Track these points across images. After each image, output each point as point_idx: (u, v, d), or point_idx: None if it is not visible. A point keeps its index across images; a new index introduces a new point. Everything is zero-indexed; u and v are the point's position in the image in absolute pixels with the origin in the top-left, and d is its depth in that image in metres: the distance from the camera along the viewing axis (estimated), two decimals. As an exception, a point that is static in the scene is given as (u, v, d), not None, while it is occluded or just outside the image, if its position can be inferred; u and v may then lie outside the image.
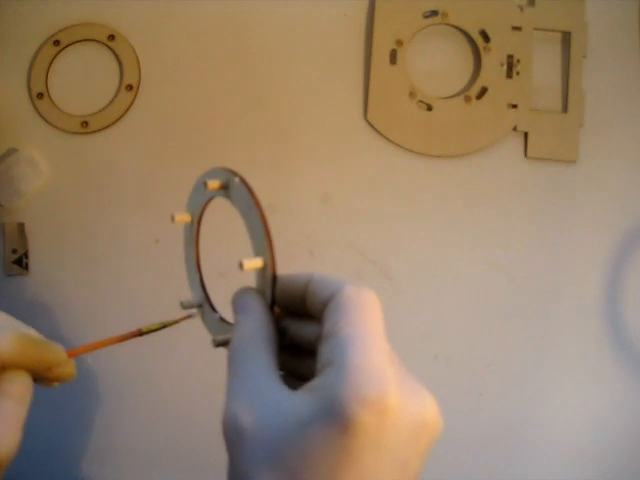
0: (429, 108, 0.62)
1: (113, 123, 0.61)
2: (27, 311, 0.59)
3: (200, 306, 0.33)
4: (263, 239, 0.27)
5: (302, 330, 0.27)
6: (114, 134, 0.61)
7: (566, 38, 0.63)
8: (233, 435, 0.23)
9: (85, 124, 0.60)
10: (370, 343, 0.23)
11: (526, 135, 0.62)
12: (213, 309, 0.33)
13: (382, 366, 0.22)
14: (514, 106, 0.61)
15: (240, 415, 0.23)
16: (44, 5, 0.62)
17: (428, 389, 0.24)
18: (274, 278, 0.27)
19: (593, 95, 0.62)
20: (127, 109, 0.61)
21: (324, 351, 0.23)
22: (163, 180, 0.60)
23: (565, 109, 0.62)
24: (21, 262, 0.59)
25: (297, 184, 0.61)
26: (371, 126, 0.61)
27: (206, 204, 0.32)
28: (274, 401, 0.23)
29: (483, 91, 0.62)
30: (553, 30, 0.63)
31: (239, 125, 0.61)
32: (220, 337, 0.29)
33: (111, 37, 0.61)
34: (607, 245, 0.61)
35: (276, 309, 0.28)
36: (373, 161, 0.61)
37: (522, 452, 0.60)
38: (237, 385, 0.24)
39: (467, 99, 0.62)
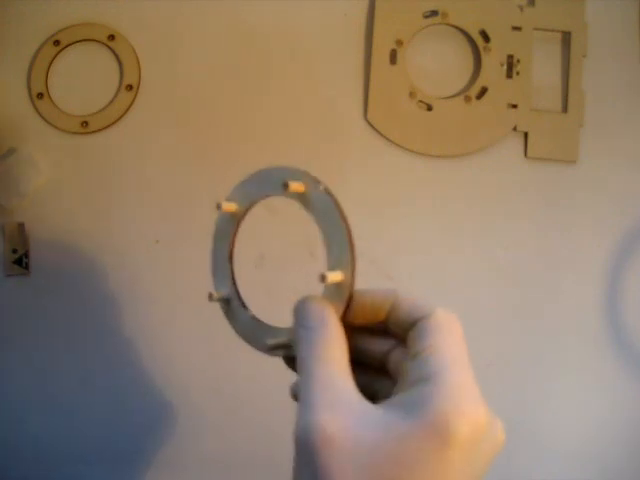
0: (429, 108, 0.62)
1: (113, 123, 0.61)
2: (27, 311, 0.59)
3: (227, 301, 0.33)
4: (346, 253, 0.28)
5: (368, 344, 0.28)
6: (114, 134, 0.61)
7: (566, 38, 0.63)
8: (317, 446, 0.23)
9: (85, 124, 0.60)
10: (464, 365, 0.25)
11: (526, 135, 0.62)
12: (244, 305, 0.32)
13: (475, 386, 0.25)
14: (514, 106, 0.61)
15: (327, 425, 0.23)
16: (44, 5, 0.61)
17: None
18: (351, 293, 0.28)
19: (593, 95, 0.62)
20: (127, 109, 0.61)
21: (415, 367, 0.25)
22: (163, 180, 0.60)
23: (565, 109, 0.62)
24: (21, 262, 0.59)
25: (297, 184, 0.61)
26: (371, 126, 0.61)
27: (261, 199, 0.32)
28: (361, 412, 0.23)
29: (483, 91, 0.62)
30: (553, 30, 0.63)
31: (239, 125, 0.61)
32: (274, 341, 0.29)
33: (111, 37, 0.61)
34: (607, 245, 0.61)
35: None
36: (373, 161, 0.61)
37: (522, 452, 0.60)
38: (319, 394, 0.24)
39: (467, 99, 0.62)
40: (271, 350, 0.30)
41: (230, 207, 0.32)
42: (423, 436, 0.22)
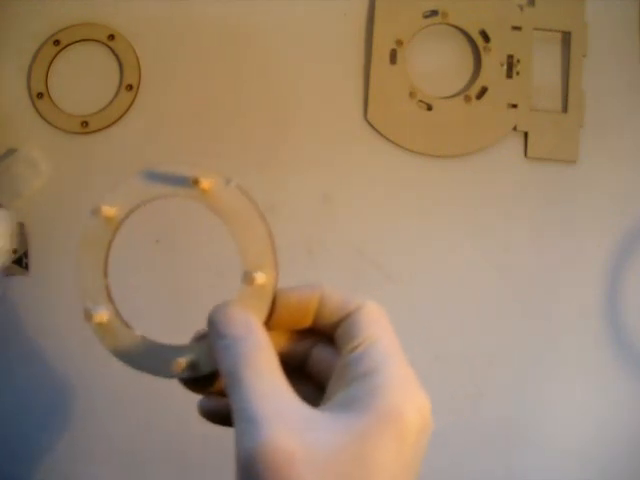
0: (429, 108, 0.62)
1: (113, 123, 0.61)
2: (27, 311, 0.59)
3: (103, 324, 0.28)
4: (267, 253, 0.26)
5: (287, 345, 0.27)
6: (114, 134, 0.61)
7: (566, 38, 0.63)
8: (277, 466, 0.20)
9: (85, 124, 0.60)
10: (402, 356, 0.24)
11: (526, 135, 0.62)
12: (128, 326, 0.28)
13: (415, 376, 0.24)
14: (514, 106, 0.61)
15: (282, 440, 0.21)
16: (44, 5, 0.61)
17: (429, 390, 0.25)
18: (275, 295, 0.26)
19: (593, 95, 0.62)
20: (127, 109, 0.61)
21: (354, 362, 0.24)
22: (163, 180, 0.60)
23: (565, 109, 0.62)
24: (21, 262, 0.59)
25: (297, 184, 0.61)
26: (371, 126, 0.61)
27: (151, 201, 0.28)
28: (314, 420, 0.22)
29: (483, 91, 0.62)
30: (553, 30, 0.63)
31: (239, 125, 0.61)
32: (181, 362, 0.26)
33: (111, 37, 0.61)
34: (607, 245, 0.61)
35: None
36: (373, 161, 0.61)
37: (522, 452, 0.60)
38: (263, 408, 0.22)
39: (467, 99, 0.62)
40: (176, 374, 0.26)
41: (110, 211, 0.28)
42: (382, 430, 0.22)
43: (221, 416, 0.28)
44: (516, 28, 0.62)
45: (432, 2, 0.62)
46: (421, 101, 0.61)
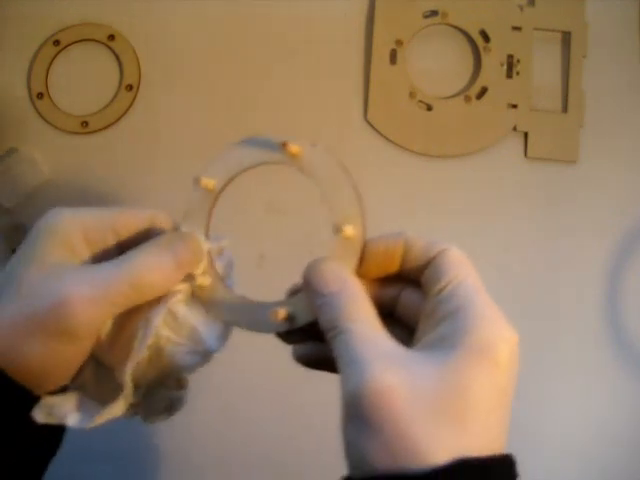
0: (429, 108, 0.62)
1: (113, 123, 0.61)
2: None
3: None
4: (355, 206, 0.28)
5: (377, 292, 0.28)
6: (114, 134, 0.61)
7: (566, 38, 0.63)
8: (379, 399, 0.22)
9: (85, 124, 0.60)
10: (486, 293, 0.26)
11: (526, 135, 0.62)
12: (230, 288, 0.30)
13: (501, 311, 0.26)
14: (514, 106, 0.61)
15: (384, 377, 0.23)
16: (44, 5, 0.62)
17: None
18: (364, 246, 0.28)
19: (593, 95, 0.62)
20: (127, 109, 0.61)
21: (443, 301, 0.25)
22: (163, 180, 0.60)
23: (565, 109, 0.62)
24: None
25: (297, 184, 0.61)
26: (371, 126, 0.61)
27: (246, 170, 0.30)
28: (410, 358, 0.24)
29: (483, 91, 0.62)
30: (553, 30, 0.63)
31: (239, 125, 0.61)
32: (281, 317, 0.27)
33: (111, 37, 0.61)
34: (607, 245, 0.61)
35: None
36: (373, 161, 0.61)
37: (522, 452, 0.59)
38: (365, 350, 0.24)
39: (467, 99, 0.62)
40: (275, 327, 0.28)
41: (209, 183, 0.30)
42: (475, 363, 0.23)
43: (317, 360, 0.30)
44: (516, 28, 0.62)
45: (432, 2, 0.62)
46: (421, 101, 0.62)
